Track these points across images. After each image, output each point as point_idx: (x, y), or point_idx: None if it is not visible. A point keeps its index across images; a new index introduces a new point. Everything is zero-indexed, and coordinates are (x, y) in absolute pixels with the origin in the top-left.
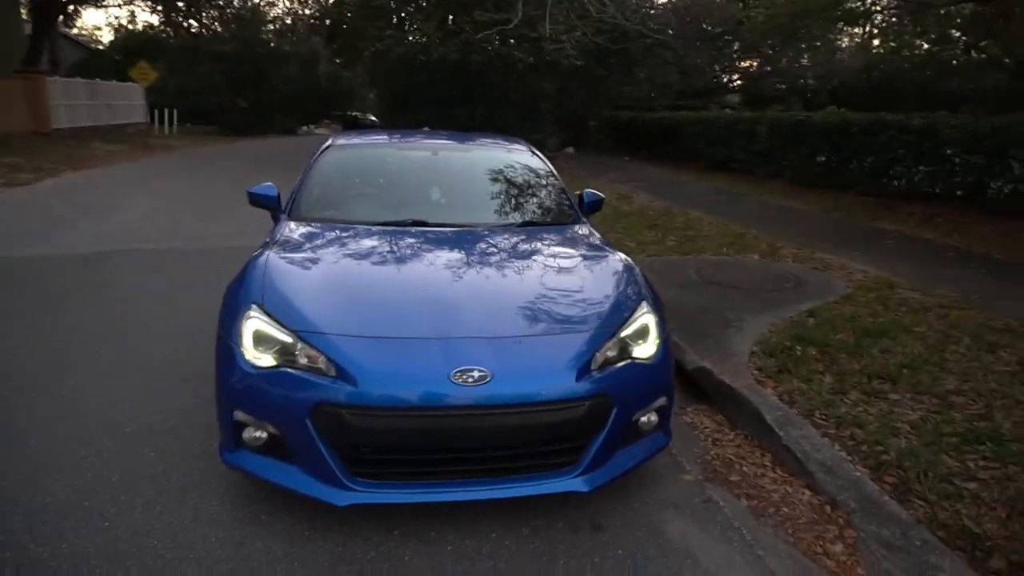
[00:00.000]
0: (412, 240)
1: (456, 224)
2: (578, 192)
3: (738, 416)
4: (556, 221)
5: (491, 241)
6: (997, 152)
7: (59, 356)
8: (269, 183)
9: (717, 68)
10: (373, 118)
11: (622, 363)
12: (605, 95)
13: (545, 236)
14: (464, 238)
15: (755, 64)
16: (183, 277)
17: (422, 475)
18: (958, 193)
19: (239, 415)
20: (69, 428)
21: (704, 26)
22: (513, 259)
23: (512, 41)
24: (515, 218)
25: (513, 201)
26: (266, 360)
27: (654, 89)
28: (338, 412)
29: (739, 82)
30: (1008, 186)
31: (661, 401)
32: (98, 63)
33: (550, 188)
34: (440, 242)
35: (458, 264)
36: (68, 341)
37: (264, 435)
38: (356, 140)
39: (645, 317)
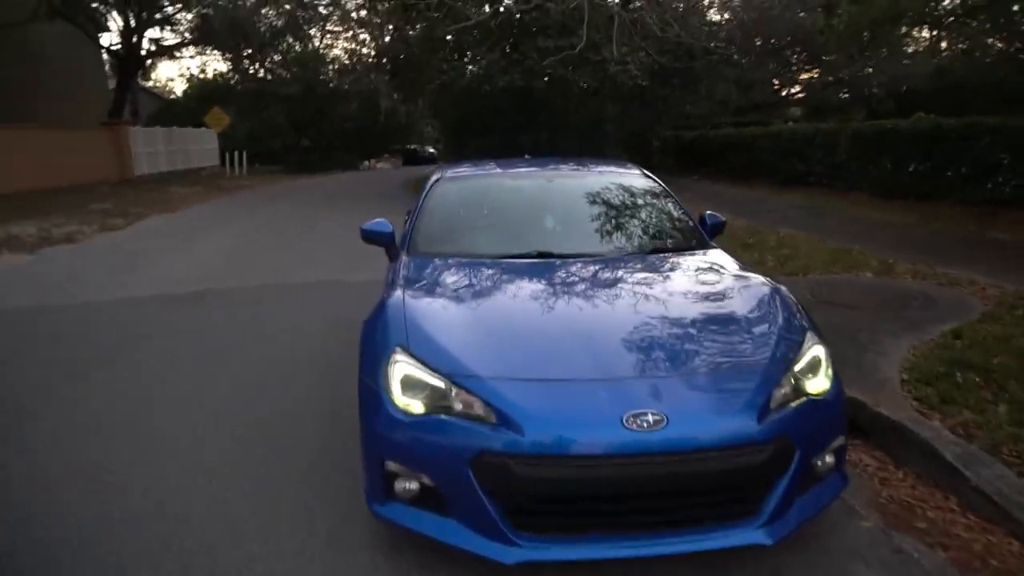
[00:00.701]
0: (546, 272)
1: (583, 254)
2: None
3: (904, 452)
4: (686, 247)
5: (627, 270)
6: None
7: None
8: (382, 219)
9: (776, 82)
10: (432, 150)
11: (798, 401)
12: (667, 115)
13: (680, 263)
14: (598, 268)
15: (816, 75)
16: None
17: (591, 528)
18: None
19: (391, 466)
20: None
21: (770, 40)
22: (657, 289)
23: (571, 67)
24: (642, 245)
25: (637, 227)
26: (416, 406)
27: (713, 106)
28: (504, 462)
29: (801, 94)
30: None
31: (839, 441)
32: (172, 111)
33: (672, 211)
34: (574, 273)
35: (602, 297)
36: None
37: (417, 486)
38: (465, 171)
39: (815, 348)
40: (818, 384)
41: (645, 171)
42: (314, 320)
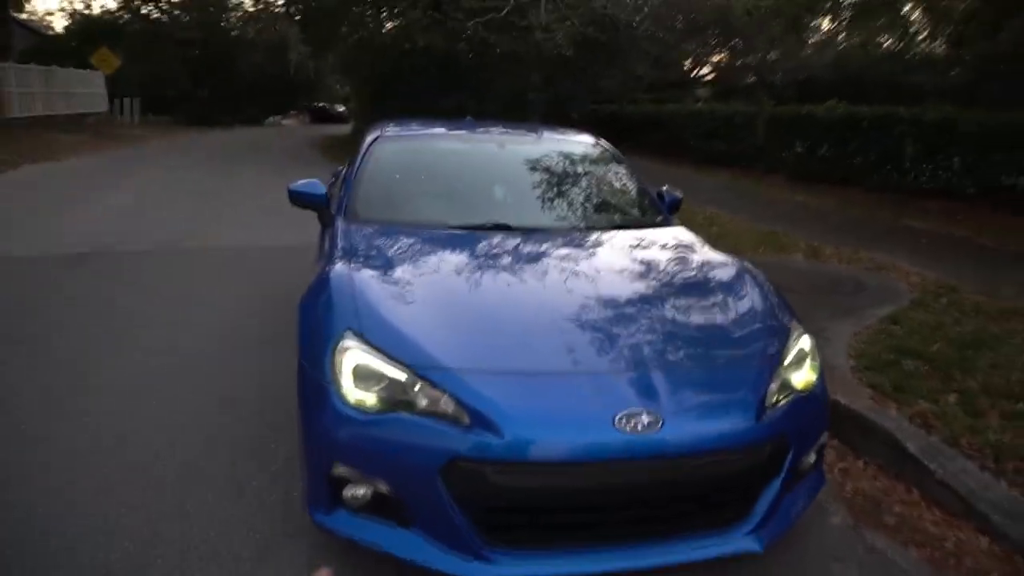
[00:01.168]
0: (510, 248)
1: (542, 227)
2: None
3: (863, 443)
4: (650, 222)
5: (596, 247)
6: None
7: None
8: (313, 180)
9: (689, 62)
10: (341, 108)
11: (789, 397)
12: (587, 87)
13: (651, 240)
14: (565, 244)
15: (725, 58)
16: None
17: (572, 539)
18: (970, 191)
19: (339, 469)
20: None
21: (691, 17)
22: (635, 269)
23: (496, 31)
24: (605, 219)
25: (599, 199)
26: (371, 401)
27: (627, 81)
28: (479, 469)
29: (712, 75)
30: None
31: (824, 438)
32: (52, 49)
33: (632, 185)
34: (541, 249)
35: (575, 277)
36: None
37: (369, 492)
38: (408, 131)
39: (803, 340)
40: (804, 378)
41: (601, 140)
42: (225, 293)
